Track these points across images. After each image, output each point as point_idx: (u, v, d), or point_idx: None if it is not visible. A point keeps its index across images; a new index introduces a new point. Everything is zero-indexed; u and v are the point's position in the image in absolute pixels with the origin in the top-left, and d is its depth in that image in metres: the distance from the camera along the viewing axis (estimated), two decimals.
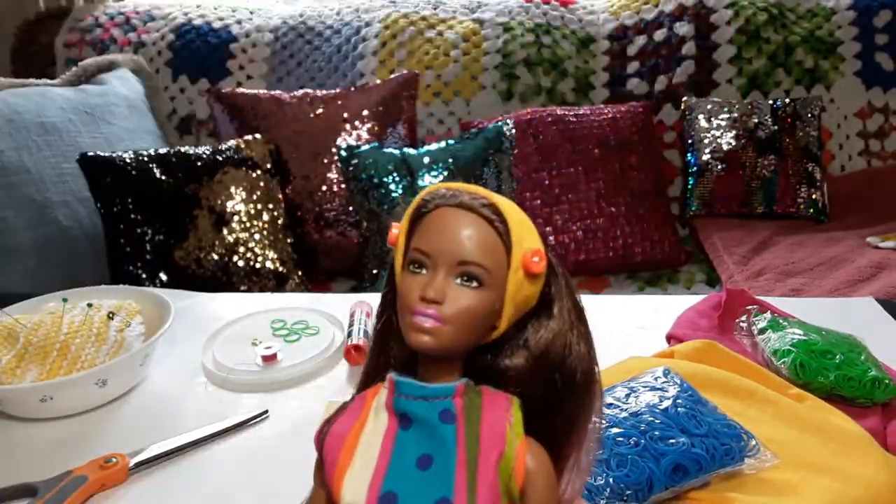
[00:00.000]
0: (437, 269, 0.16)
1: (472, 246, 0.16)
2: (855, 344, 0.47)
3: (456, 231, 0.16)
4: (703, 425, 0.36)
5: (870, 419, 0.42)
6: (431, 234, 0.17)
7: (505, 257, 0.16)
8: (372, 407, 0.17)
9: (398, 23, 1.33)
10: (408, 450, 0.16)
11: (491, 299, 0.16)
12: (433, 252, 0.16)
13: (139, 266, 0.92)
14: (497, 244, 0.16)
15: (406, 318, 0.16)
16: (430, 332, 0.16)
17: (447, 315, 0.16)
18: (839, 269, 0.99)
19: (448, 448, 0.16)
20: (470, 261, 0.16)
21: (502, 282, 0.16)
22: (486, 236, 0.16)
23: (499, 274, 0.16)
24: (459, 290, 0.16)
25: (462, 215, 0.16)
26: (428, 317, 0.16)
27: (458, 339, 0.16)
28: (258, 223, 1.00)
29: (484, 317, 0.16)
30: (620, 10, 1.36)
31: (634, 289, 1.11)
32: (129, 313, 0.50)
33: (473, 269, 0.16)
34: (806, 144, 1.20)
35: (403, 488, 0.15)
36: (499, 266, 0.16)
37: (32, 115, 0.97)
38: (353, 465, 0.16)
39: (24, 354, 0.45)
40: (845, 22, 1.29)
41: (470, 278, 0.16)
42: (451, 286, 0.16)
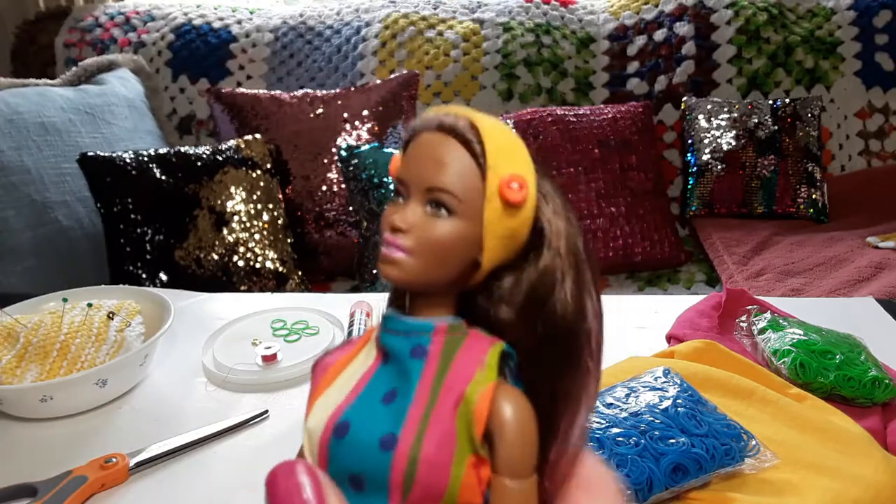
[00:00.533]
0: (410, 197, 0.15)
1: (441, 171, 0.15)
2: (855, 344, 0.47)
3: (427, 156, 0.15)
4: (703, 425, 0.36)
5: (870, 419, 0.42)
6: (408, 160, 0.15)
7: (480, 183, 0.15)
8: (370, 340, 0.17)
9: (398, 23, 1.33)
10: (379, 384, 0.15)
11: (463, 230, 0.15)
12: (406, 179, 0.15)
13: (139, 266, 0.92)
14: (471, 168, 0.15)
15: (380, 248, 0.15)
16: (394, 262, 0.15)
17: (410, 246, 0.15)
18: (839, 268, 0.99)
19: (411, 385, 0.15)
20: (437, 186, 0.15)
21: (478, 211, 0.15)
22: (457, 160, 0.15)
23: (473, 202, 0.15)
24: (427, 220, 0.15)
25: (438, 139, 0.15)
26: (394, 247, 0.15)
27: (426, 271, 0.15)
28: (258, 223, 1.00)
29: (455, 249, 0.15)
30: (620, 10, 1.36)
31: (634, 289, 1.11)
32: (129, 313, 0.50)
33: (441, 196, 0.15)
34: (806, 144, 1.20)
35: (358, 419, 0.15)
36: (472, 193, 0.15)
37: (32, 115, 0.97)
38: (327, 393, 0.16)
39: (24, 354, 0.45)
40: (845, 22, 1.29)
41: (438, 205, 0.15)
42: (419, 215, 0.15)
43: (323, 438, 0.15)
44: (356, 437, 0.14)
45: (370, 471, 0.14)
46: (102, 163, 0.93)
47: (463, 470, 0.14)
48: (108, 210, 0.92)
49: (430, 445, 0.14)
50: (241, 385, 0.48)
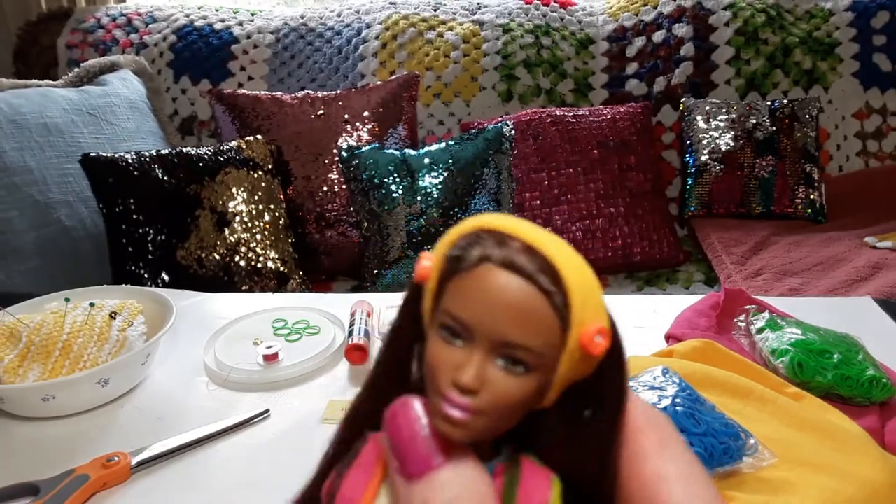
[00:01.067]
0: (474, 344, 0.13)
1: (522, 325, 0.13)
2: (853, 343, 0.47)
3: (502, 304, 0.13)
4: (701, 424, 0.36)
5: (867, 418, 0.43)
6: (471, 300, 0.13)
7: (560, 336, 0.13)
8: (385, 468, 0.14)
9: (398, 24, 1.33)
10: None
11: (537, 384, 0.13)
12: (472, 325, 0.13)
13: (141, 266, 0.92)
14: (552, 322, 0.13)
15: (434, 398, 0.14)
16: (460, 424, 0.13)
17: (482, 406, 0.13)
18: (837, 268, 0.99)
19: None
20: (518, 343, 0.13)
21: (554, 363, 0.13)
22: (539, 313, 0.13)
23: (550, 356, 0.13)
24: (500, 376, 0.13)
25: (511, 282, 0.13)
26: (459, 408, 0.13)
27: (492, 429, 0.14)
28: (259, 223, 1.01)
29: (527, 403, 0.14)
30: (619, 12, 1.37)
31: (633, 288, 1.11)
32: (131, 313, 0.50)
33: (521, 354, 0.13)
34: (804, 145, 1.21)
35: None
36: (551, 348, 0.13)
37: (35, 116, 0.97)
38: None
39: (27, 354, 0.45)
40: (843, 23, 1.29)
41: (515, 362, 0.13)
42: (490, 369, 0.13)
43: None
44: None
45: None
46: (105, 163, 0.93)
47: None
48: (111, 210, 0.93)
49: None
50: (243, 384, 0.48)
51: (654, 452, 0.14)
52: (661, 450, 0.15)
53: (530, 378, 0.13)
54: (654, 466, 0.14)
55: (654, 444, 0.15)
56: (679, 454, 0.15)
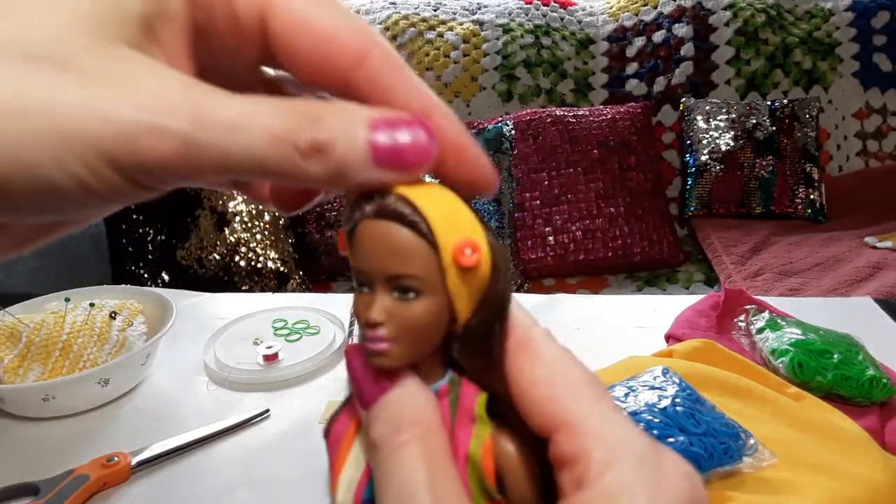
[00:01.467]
0: (374, 286, 0.16)
1: (398, 259, 0.15)
2: (853, 343, 0.47)
3: (377, 246, 0.15)
4: (701, 424, 0.36)
5: (867, 418, 0.43)
6: (360, 252, 0.16)
7: (434, 258, 0.15)
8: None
9: (398, 24, 1.33)
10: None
11: (434, 304, 0.15)
12: (364, 270, 0.16)
13: (141, 266, 0.92)
14: (422, 247, 0.15)
15: (363, 341, 0.16)
16: (383, 354, 0.15)
17: (393, 335, 0.15)
18: (837, 268, 0.99)
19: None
20: (397, 274, 0.15)
21: (442, 283, 0.15)
22: (407, 243, 0.15)
23: (434, 277, 0.15)
24: (398, 305, 0.15)
25: (381, 225, 0.15)
26: (378, 340, 0.15)
27: (413, 351, 0.16)
28: (259, 223, 1.01)
29: (433, 323, 0.16)
30: (619, 12, 1.37)
31: (633, 288, 1.12)
32: (131, 313, 0.50)
33: (405, 282, 0.15)
34: (804, 145, 1.21)
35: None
36: (431, 270, 0.15)
37: None
38: (345, 467, 0.16)
39: (27, 354, 0.45)
40: (843, 23, 1.29)
41: (405, 290, 0.15)
42: (389, 302, 0.15)
43: None
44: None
45: None
46: None
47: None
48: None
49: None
50: (243, 384, 0.48)
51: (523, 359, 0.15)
52: (524, 353, 0.15)
53: (424, 301, 0.15)
54: (527, 374, 0.15)
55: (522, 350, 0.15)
56: (543, 351, 0.15)
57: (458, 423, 0.16)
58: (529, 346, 0.15)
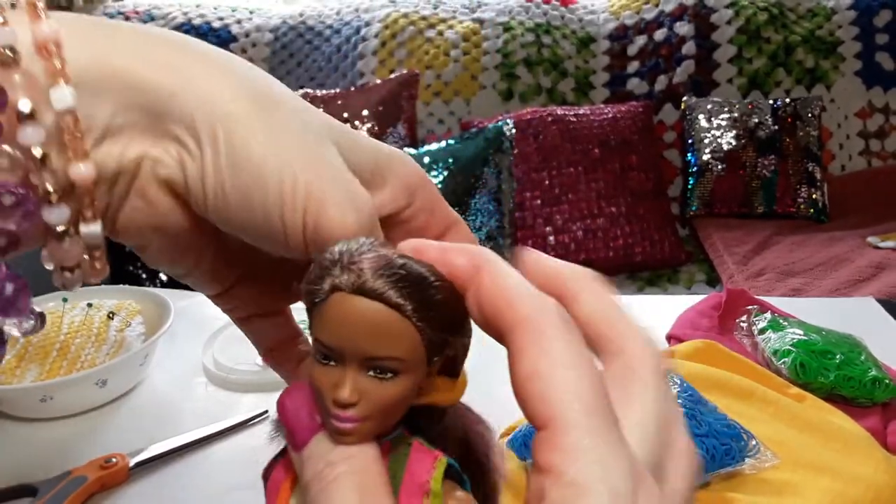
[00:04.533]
0: (345, 363, 0.15)
1: (380, 340, 0.14)
2: (855, 344, 0.47)
3: (359, 326, 0.14)
4: (703, 425, 0.36)
5: (870, 419, 0.42)
6: (332, 327, 0.15)
7: (419, 338, 0.15)
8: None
9: (398, 22, 1.33)
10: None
11: (410, 383, 0.15)
12: (337, 348, 0.15)
13: (139, 266, 0.92)
14: (408, 331, 0.15)
15: (324, 415, 0.15)
16: (350, 432, 0.15)
17: (364, 414, 0.15)
18: (839, 268, 0.99)
19: None
20: (380, 356, 0.14)
21: (419, 361, 0.15)
22: (394, 327, 0.14)
23: (417, 357, 0.15)
24: (374, 385, 0.15)
25: (363, 305, 0.14)
26: (345, 420, 0.15)
27: (382, 427, 0.15)
28: None
29: (407, 399, 0.15)
30: (621, 10, 1.36)
31: (634, 289, 1.11)
32: (129, 313, 0.50)
33: (387, 363, 0.15)
34: (806, 144, 1.20)
35: None
36: (414, 350, 0.15)
37: None
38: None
39: (24, 354, 0.45)
40: (846, 21, 1.29)
41: (384, 371, 0.15)
42: (363, 381, 0.15)
43: None
44: None
45: None
46: None
47: None
48: None
49: None
50: (241, 385, 0.48)
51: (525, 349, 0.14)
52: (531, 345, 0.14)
53: (401, 380, 0.15)
54: (525, 366, 0.14)
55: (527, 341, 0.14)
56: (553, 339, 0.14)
57: (406, 492, 0.15)
58: (541, 337, 0.14)
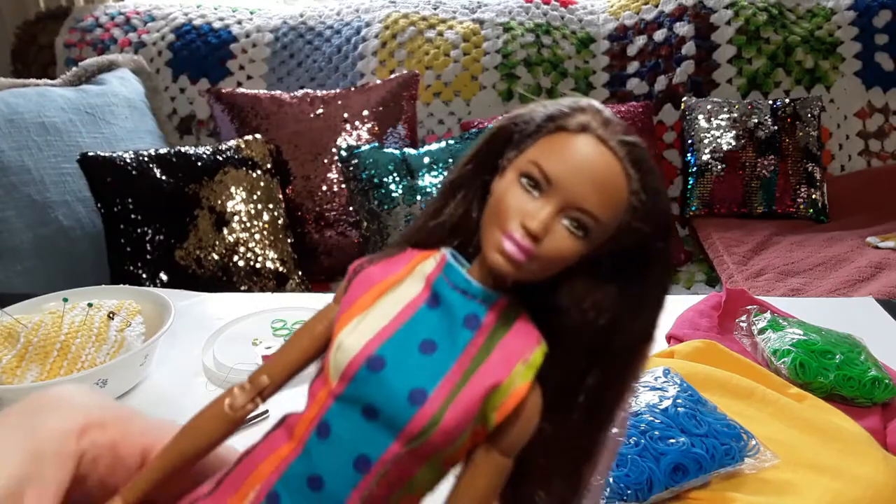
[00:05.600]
0: (549, 199, 0.14)
1: (600, 196, 0.14)
2: (855, 344, 0.47)
3: (591, 172, 0.14)
4: (702, 425, 0.36)
5: (869, 419, 0.42)
6: (564, 160, 0.15)
7: (622, 215, 0.15)
8: (415, 269, 0.16)
9: (398, 23, 1.33)
10: (420, 328, 0.15)
11: (585, 249, 0.15)
12: (556, 181, 0.14)
13: (139, 266, 0.92)
14: (622, 202, 0.15)
15: (494, 233, 0.15)
16: (514, 262, 0.14)
17: (540, 254, 0.14)
18: (839, 269, 0.99)
19: (455, 350, 0.15)
20: (589, 211, 0.14)
21: (605, 237, 0.15)
22: (618, 192, 0.15)
23: (606, 229, 0.15)
24: (563, 234, 0.14)
25: (605, 157, 0.14)
26: (520, 248, 0.14)
27: (535, 274, 0.15)
28: (258, 223, 1.01)
29: (572, 261, 0.15)
30: (620, 11, 1.36)
31: None
32: (129, 313, 0.50)
33: (587, 220, 0.14)
34: (806, 144, 1.20)
35: (394, 360, 0.15)
36: (611, 221, 0.15)
37: (33, 115, 0.97)
38: (367, 313, 0.15)
39: (25, 354, 0.45)
40: (845, 22, 1.29)
41: (579, 226, 0.14)
42: (556, 225, 0.14)
43: (355, 362, 0.15)
44: (388, 378, 0.15)
45: (389, 412, 0.15)
46: (103, 163, 0.93)
47: (467, 438, 0.15)
48: (109, 210, 0.92)
49: (452, 416, 0.14)
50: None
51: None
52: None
53: (585, 243, 0.15)
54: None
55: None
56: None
57: (504, 347, 0.15)
58: None
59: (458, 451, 0.15)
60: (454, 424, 0.14)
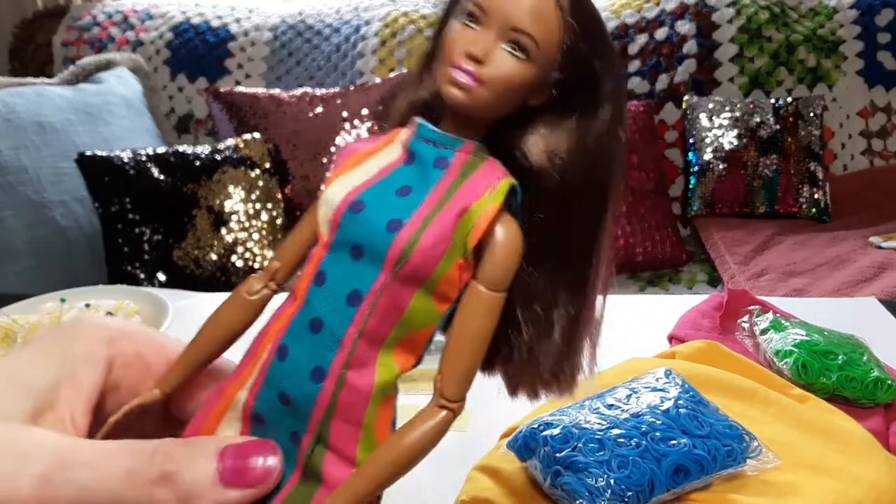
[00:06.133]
0: (489, 27, 0.16)
1: (531, 16, 0.16)
2: (857, 344, 0.46)
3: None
4: (704, 426, 0.36)
5: (872, 420, 0.42)
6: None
7: (558, 35, 0.16)
8: (394, 140, 0.18)
9: (398, 21, 1.33)
10: (397, 178, 0.17)
11: (532, 74, 0.16)
12: (489, 9, 0.16)
13: (137, 266, 0.92)
14: (555, 19, 0.16)
15: (445, 68, 0.16)
16: (464, 87, 0.16)
17: (485, 76, 0.16)
18: (841, 269, 0.98)
19: (427, 187, 0.17)
20: (523, 29, 0.16)
21: (549, 60, 0.16)
22: (547, 10, 0.16)
23: (547, 50, 0.16)
24: (505, 55, 0.16)
25: None
26: (466, 73, 0.16)
27: (489, 104, 0.16)
28: (257, 223, 1.00)
29: (521, 90, 0.16)
30: (621, 9, 1.36)
31: (636, 289, 1.11)
32: (127, 313, 0.49)
33: (524, 39, 0.16)
34: (808, 144, 1.20)
35: (372, 201, 0.17)
36: (550, 42, 0.16)
37: (30, 115, 0.97)
38: (349, 174, 0.17)
39: None
40: (847, 21, 1.28)
41: (519, 47, 0.16)
42: (497, 49, 0.16)
43: (339, 208, 0.17)
44: (368, 215, 0.17)
45: (371, 244, 0.16)
46: (100, 162, 0.93)
47: (449, 266, 0.16)
48: (106, 210, 0.92)
49: (427, 238, 0.16)
50: None
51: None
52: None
53: (529, 65, 0.16)
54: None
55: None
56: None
57: (471, 181, 0.16)
58: None
59: (446, 283, 0.16)
60: (431, 244, 0.16)
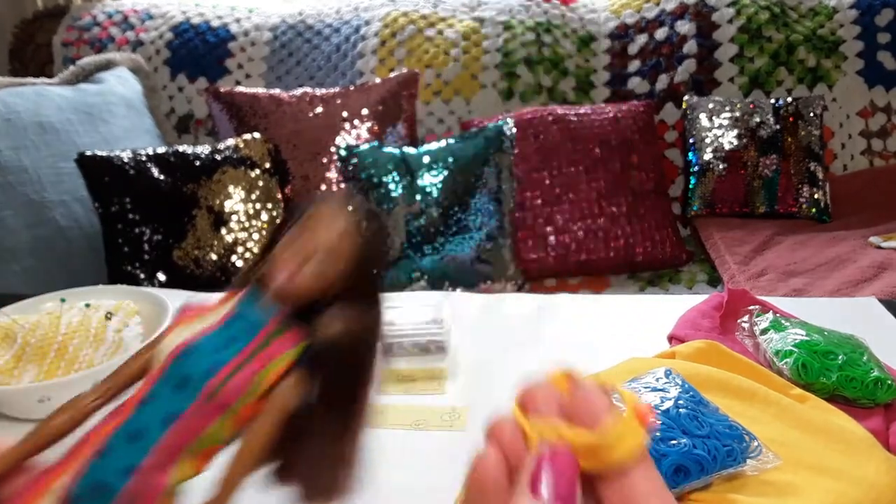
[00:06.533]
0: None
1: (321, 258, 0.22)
2: (857, 344, 0.46)
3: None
4: (704, 426, 0.36)
5: (872, 420, 0.42)
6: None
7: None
8: (229, 300, 0.23)
9: (398, 21, 1.33)
10: (224, 332, 0.22)
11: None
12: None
13: (137, 266, 0.92)
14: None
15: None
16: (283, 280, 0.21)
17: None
18: (841, 269, 0.98)
19: (245, 341, 0.21)
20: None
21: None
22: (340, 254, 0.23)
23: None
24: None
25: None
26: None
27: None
28: (257, 223, 1.00)
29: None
30: (621, 9, 1.36)
31: (636, 289, 1.11)
32: (126, 313, 0.50)
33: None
34: (808, 144, 1.20)
35: (203, 346, 0.21)
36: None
37: (30, 115, 0.97)
38: (186, 326, 0.22)
39: (22, 355, 0.45)
40: (847, 21, 1.28)
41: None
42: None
43: (175, 350, 0.21)
44: (196, 358, 0.21)
45: (194, 378, 0.21)
46: (100, 162, 0.93)
47: (255, 397, 0.21)
48: (106, 210, 0.92)
49: (237, 379, 0.21)
50: None
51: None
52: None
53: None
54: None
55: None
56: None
57: (273, 346, 0.21)
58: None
59: (247, 409, 0.21)
60: (239, 383, 0.21)
